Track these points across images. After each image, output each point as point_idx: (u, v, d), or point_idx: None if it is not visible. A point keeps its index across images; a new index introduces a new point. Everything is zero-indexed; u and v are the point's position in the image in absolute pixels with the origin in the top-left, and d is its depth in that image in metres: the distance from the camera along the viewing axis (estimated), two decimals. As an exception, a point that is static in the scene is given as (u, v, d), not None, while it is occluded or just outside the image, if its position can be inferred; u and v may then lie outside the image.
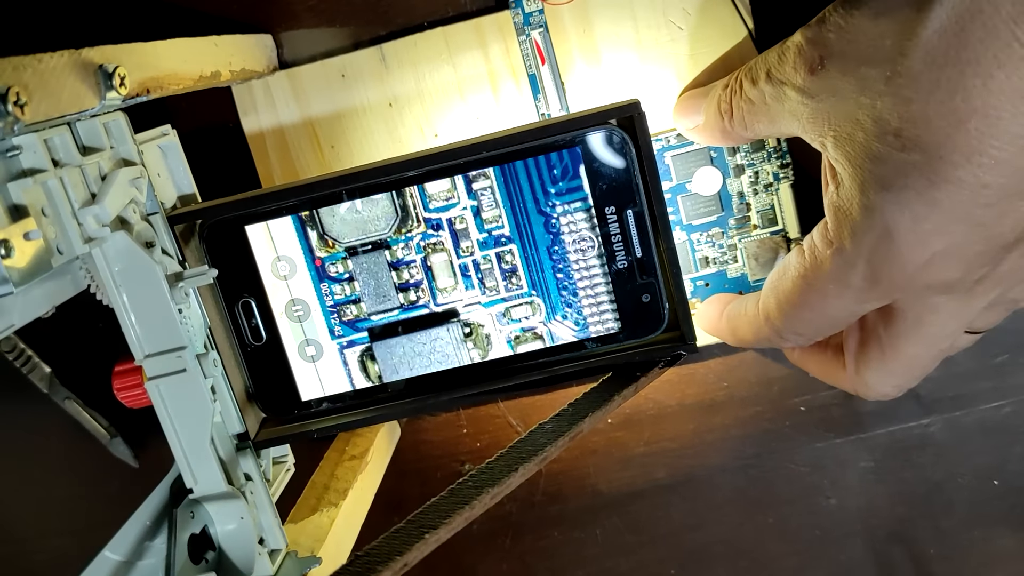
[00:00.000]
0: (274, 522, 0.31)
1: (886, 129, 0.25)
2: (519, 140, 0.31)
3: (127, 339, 0.28)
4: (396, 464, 0.42)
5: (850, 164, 0.26)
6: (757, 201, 0.36)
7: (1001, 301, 0.28)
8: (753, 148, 0.36)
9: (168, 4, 0.39)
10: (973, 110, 0.23)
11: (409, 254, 0.32)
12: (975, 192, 0.24)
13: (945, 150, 0.24)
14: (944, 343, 0.29)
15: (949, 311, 0.27)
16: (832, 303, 0.28)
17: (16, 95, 0.21)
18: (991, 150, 0.23)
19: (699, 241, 0.37)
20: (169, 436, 0.28)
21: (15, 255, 0.21)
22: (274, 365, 0.33)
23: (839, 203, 0.27)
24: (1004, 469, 0.43)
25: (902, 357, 0.29)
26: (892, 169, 0.25)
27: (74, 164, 0.25)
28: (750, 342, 0.33)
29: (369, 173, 0.31)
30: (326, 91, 0.38)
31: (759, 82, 0.29)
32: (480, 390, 0.33)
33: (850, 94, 0.26)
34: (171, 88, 0.30)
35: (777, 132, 0.30)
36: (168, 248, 0.29)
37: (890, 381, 0.30)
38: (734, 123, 0.31)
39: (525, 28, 0.37)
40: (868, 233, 0.26)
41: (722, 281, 0.37)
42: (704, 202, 0.36)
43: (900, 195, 0.25)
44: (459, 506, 0.26)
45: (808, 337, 0.31)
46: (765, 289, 0.31)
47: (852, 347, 0.31)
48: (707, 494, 0.44)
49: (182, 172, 0.32)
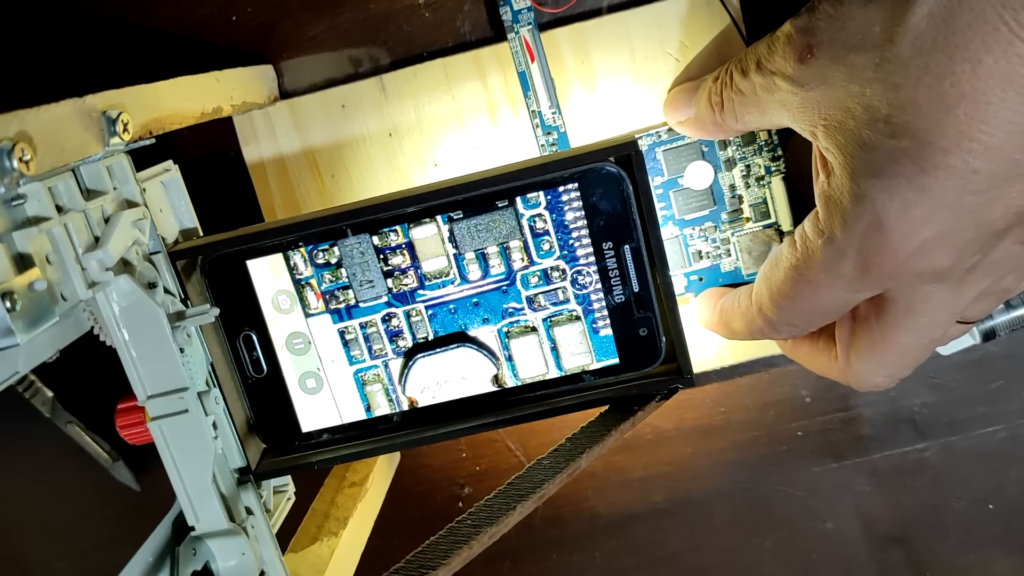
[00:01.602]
0: (275, 555, 0.31)
1: (876, 116, 0.25)
2: (518, 177, 0.31)
3: (129, 379, 0.28)
4: (396, 488, 0.42)
5: (840, 152, 0.26)
6: (749, 194, 0.36)
7: (993, 291, 0.28)
8: (744, 141, 0.36)
9: (169, 37, 0.39)
10: (962, 95, 0.23)
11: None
12: (965, 178, 0.24)
13: (934, 136, 0.23)
14: (936, 332, 0.28)
15: (941, 300, 0.27)
16: (824, 293, 0.28)
17: (21, 151, 0.21)
18: (980, 135, 0.23)
19: (692, 236, 0.37)
20: (171, 474, 0.28)
21: (20, 306, 0.22)
22: (275, 397, 0.34)
23: (830, 192, 0.27)
24: (999, 493, 0.43)
25: (894, 347, 0.29)
26: (882, 156, 0.25)
27: (78, 209, 0.26)
28: (743, 335, 0.33)
29: (368, 210, 0.31)
30: (327, 121, 0.39)
31: (749, 73, 0.29)
32: (479, 423, 0.33)
33: (840, 82, 0.26)
34: (173, 127, 0.30)
35: (768, 123, 0.30)
36: (170, 286, 0.30)
37: (882, 371, 0.30)
38: (725, 115, 0.31)
39: (514, 26, 0.37)
40: (858, 221, 0.26)
41: (716, 275, 0.37)
42: (696, 196, 0.36)
43: (890, 182, 0.25)
44: (458, 546, 0.26)
45: (801, 328, 0.30)
46: (757, 281, 0.31)
47: (844, 337, 0.30)
48: (704, 518, 0.45)
49: (184, 207, 0.32)
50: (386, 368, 0.33)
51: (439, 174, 0.39)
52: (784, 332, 0.31)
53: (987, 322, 0.35)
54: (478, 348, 0.33)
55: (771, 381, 0.42)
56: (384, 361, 0.33)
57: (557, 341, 0.33)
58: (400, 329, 0.33)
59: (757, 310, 0.31)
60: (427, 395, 0.33)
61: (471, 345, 0.33)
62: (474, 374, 0.33)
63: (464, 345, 0.33)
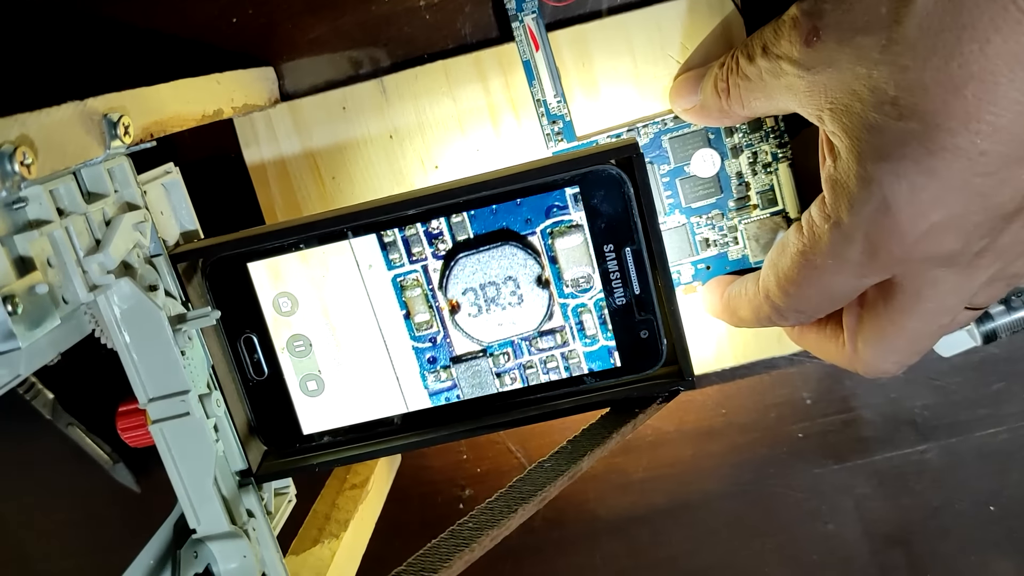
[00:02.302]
0: (276, 557, 0.31)
1: (883, 98, 0.24)
2: (518, 179, 0.31)
3: (131, 382, 0.28)
4: (397, 489, 0.42)
5: (847, 136, 0.26)
6: (756, 182, 0.36)
7: (1002, 276, 0.27)
8: (751, 128, 0.35)
9: (170, 39, 0.39)
10: (970, 75, 0.22)
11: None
12: (973, 160, 0.23)
13: (942, 117, 0.23)
14: (944, 318, 0.28)
15: (949, 284, 0.26)
16: (832, 279, 0.28)
17: (23, 154, 0.21)
18: (988, 116, 0.23)
19: (699, 224, 0.36)
20: (172, 477, 0.28)
21: (21, 310, 0.22)
22: (276, 399, 0.34)
23: (836, 176, 0.26)
24: (1001, 495, 0.43)
25: (902, 332, 0.28)
26: (889, 139, 0.24)
27: (79, 212, 0.26)
28: (751, 322, 0.32)
29: (368, 212, 0.31)
30: (327, 123, 0.39)
31: (756, 58, 0.29)
32: (480, 425, 0.33)
33: (846, 64, 0.25)
34: (174, 129, 0.30)
35: (775, 109, 0.30)
36: (171, 289, 0.30)
37: (890, 358, 0.29)
38: (731, 102, 0.31)
39: (519, 14, 0.37)
40: (866, 205, 0.25)
41: (723, 263, 0.37)
42: (703, 184, 0.36)
43: (898, 165, 0.24)
44: (459, 548, 0.26)
45: (808, 315, 0.30)
46: (765, 267, 0.31)
47: (851, 324, 0.30)
48: (705, 519, 0.45)
49: (184, 209, 0.32)
50: (425, 273, 0.32)
51: (440, 176, 0.39)
52: (791, 319, 0.30)
53: (988, 324, 0.35)
54: (522, 247, 0.32)
55: (772, 383, 0.42)
56: (423, 265, 0.32)
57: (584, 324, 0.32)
58: (440, 231, 0.32)
59: (764, 297, 0.31)
60: (469, 299, 0.32)
61: (515, 243, 0.32)
62: (519, 274, 0.32)
63: (508, 243, 0.32)
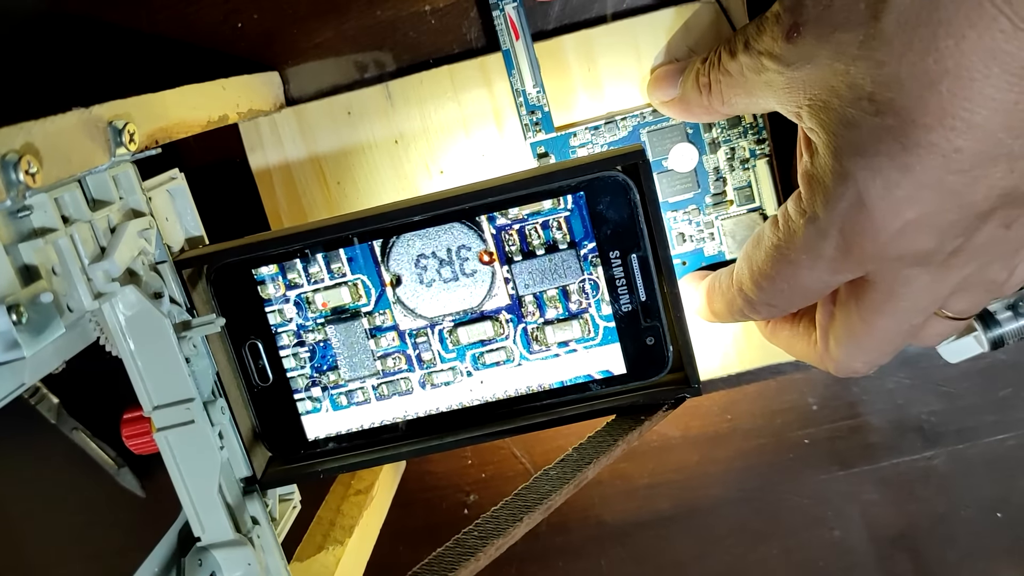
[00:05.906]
0: (280, 564, 0.31)
1: (860, 94, 0.24)
2: (524, 185, 0.31)
3: (135, 389, 0.28)
4: (401, 495, 0.42)
5: (824, 132, 0.26)
6: (733, 178, 0.36)
7: (979, 281, 0.27)
8: (729, 124, 0.35)
9: (175, 45, 0.39)
10: (945, 71, 0.22)
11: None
12: (948, 157, 0.23)
13: (917, 113, 0.23)
14: (917, 318, 0.28)
15: (922, 284, 0.26)
16: (805, 274, 0.28)
17: (28, 163, 0.21)
18: (963, 112, 0.23)
19: (676, 219, 0.37)
20: (177, 485, 0.28)
21: (26, 319, 0.22)
22: (281, 406, 0.34)
23: (812, 171, 0.26)
24: (1008, 502, 0.43)
25: (873, 331, 0.28)
26: (866, 134, 0.24)
27: (84, 220, 0.25)
28: (724, 316, 0.32)
29: (374, 219, 0.31)
30: (332, 128, 0.39)
31: (737, 53, 0.29)
32: (485, 431, 0.33)
33: (825, 60, 0.25)
34: (179, 136, 0.30)
35: (755, 106, 0.30)
36: (176, 296, 0.30)
37: (860, 357, 0.29)
38: (712, 97, 0.31)
39: (499, 3, 0.36)
40: (840, 201, 0.25)
41: (699, 259, 0.37)
42: (680, 179, 0.36)
43: (873, 161, 0.24)
44: (464, 558, 0.26)
45: (781, 309, 0.30)
46: (739, 260, 0.31)
47: (823, 321, 0.30)
48: (711, 525, 0.44)
49: (189, 215, 0.32)
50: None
51: (445, 181, 0.39)
52: (763, 312, 0.30)
53: (996, 330, 0.35)
54: (469, 225, 0.31)
55: (778, 389, 0.42)
56: None
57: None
58: None
59: (738, 290, 0.31)
60: (410, 279, 0.32)
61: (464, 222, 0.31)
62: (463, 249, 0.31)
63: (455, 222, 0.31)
